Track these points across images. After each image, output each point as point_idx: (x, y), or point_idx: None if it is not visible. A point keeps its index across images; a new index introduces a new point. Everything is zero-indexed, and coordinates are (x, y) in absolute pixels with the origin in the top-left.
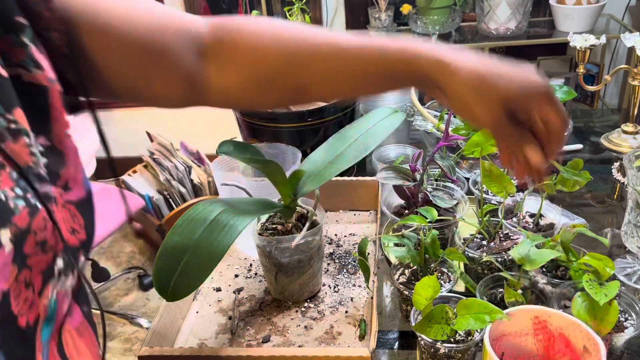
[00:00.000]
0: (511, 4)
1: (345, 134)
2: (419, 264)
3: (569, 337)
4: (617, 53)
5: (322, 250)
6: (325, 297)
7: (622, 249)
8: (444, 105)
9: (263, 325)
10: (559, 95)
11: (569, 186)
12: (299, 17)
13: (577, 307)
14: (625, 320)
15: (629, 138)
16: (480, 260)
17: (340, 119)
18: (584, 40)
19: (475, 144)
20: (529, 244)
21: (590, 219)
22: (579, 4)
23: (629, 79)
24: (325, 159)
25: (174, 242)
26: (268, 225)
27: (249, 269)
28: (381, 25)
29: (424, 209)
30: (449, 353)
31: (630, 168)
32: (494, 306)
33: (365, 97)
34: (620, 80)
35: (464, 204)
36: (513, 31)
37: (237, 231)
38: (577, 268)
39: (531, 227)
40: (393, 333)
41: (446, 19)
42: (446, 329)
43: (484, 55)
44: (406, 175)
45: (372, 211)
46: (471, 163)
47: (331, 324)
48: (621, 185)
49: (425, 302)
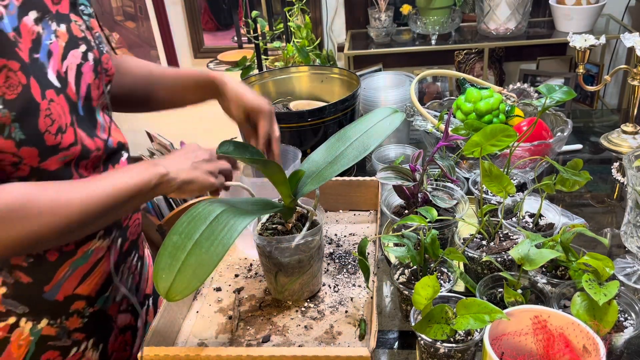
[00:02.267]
0: (511, 4)
1: (345, 134)
2: (418, 264)
3: (568, 337)
4: (617, 53)
5: (322, 250)
6: (325, 297)
7: (622, 249)
8: (222, 107)
9: (263, 325)
10: (559, 95)
11: (569, 186)
12: (299, 17)
13: (577, 306)
14: (625, 320)
15: (629, 138)
16: (480, 260)
17: (340, 119)
18: (584, 41)
19: (475, 144)
20: (529, 244)
21: (590, 219)
22: (578, 4)
23: (628, 79)
24: (325, 159)
25: (174, 242)
26: (268, 225)
27: (249, 269)
28: (381, 26)
29: (423, 209)
30: (449, 353)
31: (630, 168)
32: (494, 306)
33: (188, 104)
34: (620, 80)
35: (463, 204)
36: (513, 31)
37: (237, 231)
38: (577, 268)
39: (531, 227)
40: (393, 333)
41: (446, 19)
42: (446, 328)
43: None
44: (406, 175)
45: (372, 211)
46: (471, 163)
47: (331, 324)
48: (621, 185)
49: (425, 301)
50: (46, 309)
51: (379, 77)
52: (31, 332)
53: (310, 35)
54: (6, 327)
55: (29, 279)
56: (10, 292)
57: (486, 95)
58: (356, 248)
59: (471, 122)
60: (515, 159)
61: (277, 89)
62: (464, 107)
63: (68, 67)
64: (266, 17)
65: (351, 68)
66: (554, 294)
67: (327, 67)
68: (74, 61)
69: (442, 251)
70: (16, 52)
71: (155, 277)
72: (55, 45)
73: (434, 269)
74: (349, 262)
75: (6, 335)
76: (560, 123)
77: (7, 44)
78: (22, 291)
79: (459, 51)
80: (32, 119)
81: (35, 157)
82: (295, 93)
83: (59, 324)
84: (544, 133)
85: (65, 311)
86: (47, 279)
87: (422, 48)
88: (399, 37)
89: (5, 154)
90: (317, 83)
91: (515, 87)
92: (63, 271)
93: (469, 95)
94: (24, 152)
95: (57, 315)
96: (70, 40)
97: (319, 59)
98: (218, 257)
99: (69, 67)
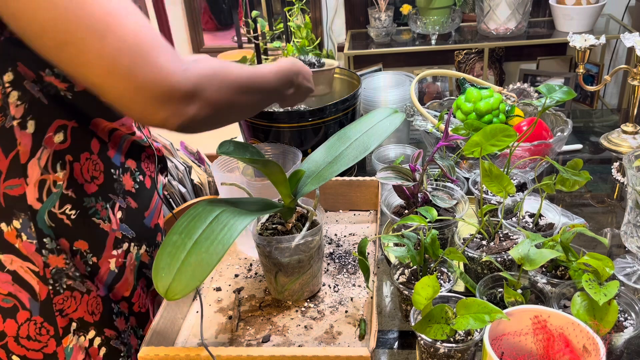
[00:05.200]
0: (511, 4)
1: (346, 134)
2: (418, 264)
3: (568, 337)
4: (617, 53)
5: (322, 250)
6: (325, 297)
7: (622, 249)
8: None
9: (263, 325)
10: (559, 95)
11: (569, 186)
12: (299, 17)
13: (577, 306)
14: (625, 320)
15: (629, 138)
16: (480, 260)
17: (341, 119)
18: (584, 41)
19: (475, 144)
20: (529, 244)
21: (590, 219)
22: (578, 4)
23: (628, 79)
24: (326, 159)
25: (173, 241)
26: (268, 225)
27: (249, 269)
28: (381, 26)
29: (423, 209)
30: (449, 353)
31: (630, 168)
32: (494, 306)
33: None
34: (619, 80)
35: (463, 204)
36: (513, 31)
37: (237, 231)
38: (577, 268)
39: (531, 227)
40: (393, 333)
41: (446, 19)
42: (446, 328)
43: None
44: (406, 175)
45: (372, 211)
46: (471, 163)
47: (331, 324)
48: (621, 185)
49: (425, 301)
50: (145, 235)
51: (379, 77)
52: (136, 257)
53: (310, 35)
54: (122, 254)
55: (135, 204)
56: (124, 217)
57: (486, 95)
58: (356, 248)
59: (471, 122)
60: (515, 159)
61: None
62: (464, 107)
63: None
64: (266, 17)
65: (351, 68)
66: (554, 294)
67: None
68: None
69: (442, 251)
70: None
71: (154, 277)
72: None
73: (434, 269)
74: (349, 262)
75: (123, 260)
76: (560, 123)
77: None
78: (131, 216)
79: (459, 51)
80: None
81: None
82: None
83: (151, 251)
84: (544, 133)
85: (154, 240)
86: (146, 206)
87: (422, 48)
88: (399, 37)
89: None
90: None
91: (515, 87)
92: (154, 199)
93: (469, 95)
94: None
95: (151, 243)
96: None
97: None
98: (218, 257)
99: None
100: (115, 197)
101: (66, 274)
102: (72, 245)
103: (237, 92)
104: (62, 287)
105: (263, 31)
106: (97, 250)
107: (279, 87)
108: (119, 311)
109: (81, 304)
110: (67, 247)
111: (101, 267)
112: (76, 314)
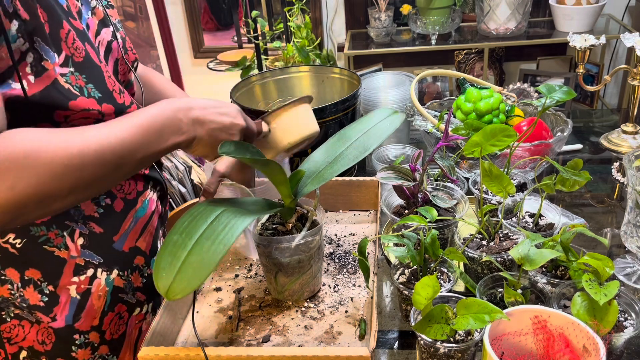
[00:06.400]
0: (511, 4)
1: (346, 134)
2: (418, 264)
3: (568, 337)
4: (617, 53)
5: (322, 250)
6: (325, 297)
7: (622, 249)
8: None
9: (263, 325)
10: (559, 95)
11: (569, 186)
12: (299, 17)
13: (577, 306)
14: (625, 320)
15: (629, 138)
16: (480, 260)
17: (341, 119)
18: (584, 41)
19: (475, 144)
20: (529, 244)
21: (590, 219)
22: (578, 4)
23: (628, 79)
24: (326, 159)
25: (174, 241)
26: (268, 225)
27: (249, 269)
28: (381, 26)
29: (423, 209)
30: (449, 353)
31: (630, 168)
32: (494, 306)
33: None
34: (620, 80)
35: (463, 204)
36: (513, 31)
37: (238, 231)
38: (577, 268)
39: (531, 227)
40: (393, 333)
41: (446, 19)
42: (446, 328)
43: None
44: (406, 175)
45: (372, 211)
46: (471, 163)
47: (331, 324)
48: (621, 185)
49: (425, 301)
50: (116, 259)
51: (379, 77)
52: (106, 282)
53: (310, 35)
54: (87, 280)
55: (100, 229)
56: (86, 243)
57: (486, 95)
58: (356, 248)
59: (471, 122)
60: (515, 159)
61: (278, 88)
62: (464, 107)
63: (100, 42)
64: (266, 17)
65: (351, 68)
66: (554, 294)
67: (327, 67)
68: (105, 37)
69: (442, 251)
70: (70, 21)
71: (155, 276)
72: (92, 21)
73: (434, 269)
74: (349, 262)
75: (88, 286)
76: (560, 123)
77: (65, 12)
78: (96, 241)
79: (459, 51)
80: (99, 80)
81: (112, 113)
82: (295, 93)
83: (126, 276)
84: (544, 133)
85: (130, 264)
86: (115, 229)
87: (422, 48)
88: (399, 37)
89: (91, 111)
90: (317, 83)
91: (515, 87)
92: (128, 222)
93: (469, 95)
94: (105, 108)
95: (124, 267)
96: (103, 19)
97: (319, 59)
98: (219, 257)
99: (100, 43)
100: (74, 224)
101: (12, 303)
102: (23, 275)
103: (59, 175)
104: (10, 315)
105: (263, 31)
106: (52, 278)
107: (152, 139)
108: (84, 342)
109: (30, 333)
110: (17, 276)
111: (60, 294)
112: (25, 342)
